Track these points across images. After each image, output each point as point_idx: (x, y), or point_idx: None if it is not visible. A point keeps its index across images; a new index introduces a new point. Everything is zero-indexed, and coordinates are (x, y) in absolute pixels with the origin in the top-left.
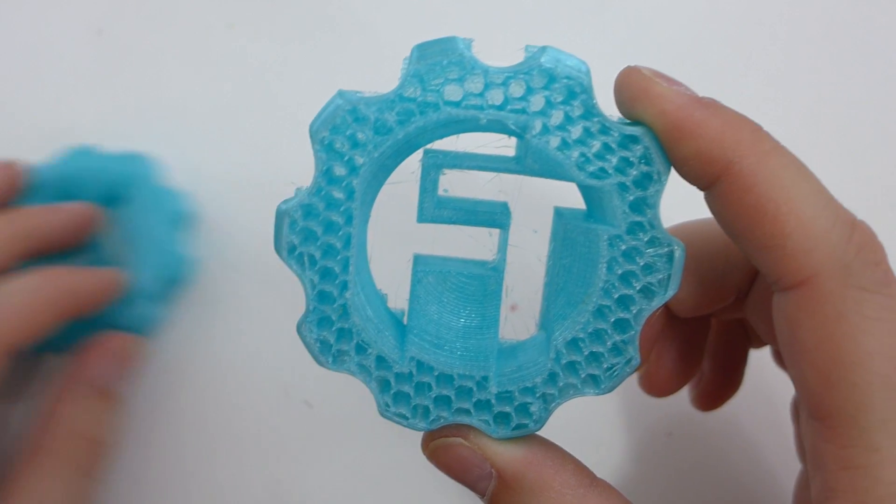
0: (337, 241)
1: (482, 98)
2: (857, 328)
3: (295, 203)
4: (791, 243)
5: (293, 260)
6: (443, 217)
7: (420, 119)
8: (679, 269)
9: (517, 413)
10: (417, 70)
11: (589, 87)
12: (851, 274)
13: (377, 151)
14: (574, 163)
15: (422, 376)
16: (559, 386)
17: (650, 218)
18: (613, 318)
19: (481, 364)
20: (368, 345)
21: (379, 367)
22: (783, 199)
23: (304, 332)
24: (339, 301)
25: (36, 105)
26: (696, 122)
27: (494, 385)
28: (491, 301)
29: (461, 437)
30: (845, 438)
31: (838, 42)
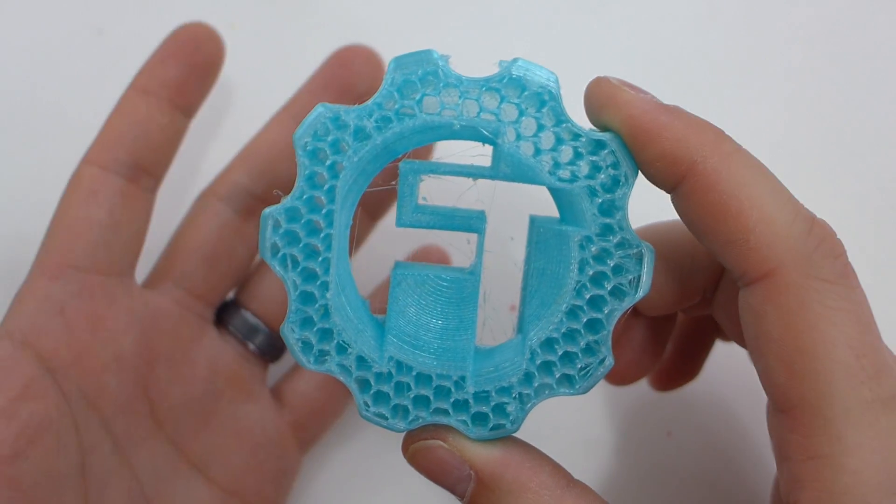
0: (318, 242)
1: (457, 108)
2: (819, 317)
3: (279, 207)
4: (754, 237)
5: (276, 262)
6: (421, 222)
7: (397, 125)
8: (649, 270)
9: (494, 413)
10: (394, 80)
11: (558, 95)
12: (813, 266)
13: (357, 156)
14: (545, 167)
15: (401, 376)
16: (535, 386)
17: (619, 220)
18: (586, 319)
19: (459, 364)
20: (349, 345)
21: (359, 367)
22: (745, 196)
23: (286, 332)
24: (321, 302)
25: (36, 105)
26: (661, 126)
27: (472, 385)
28: (468, 304)
29: (440, 439)
30: (809, 428)
31: (838, 42)
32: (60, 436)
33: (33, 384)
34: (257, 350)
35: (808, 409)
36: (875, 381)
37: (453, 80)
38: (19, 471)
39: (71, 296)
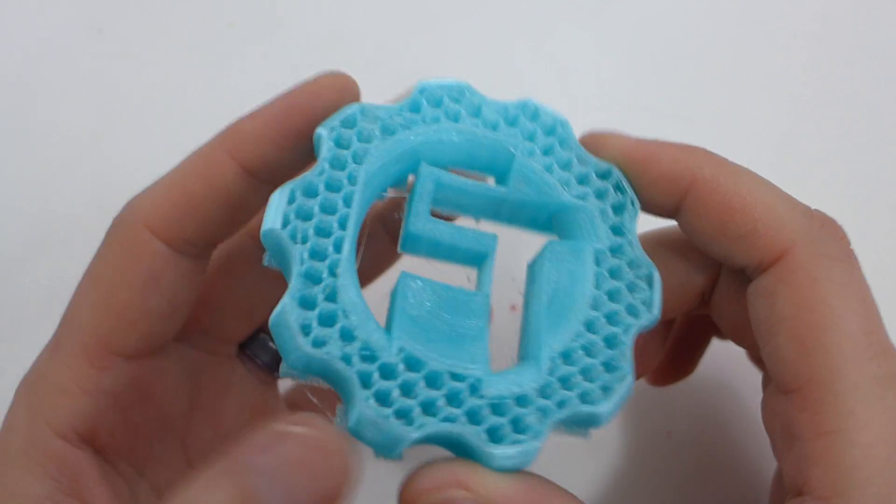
0: (335, 221)
1: (479, 123)
2: (829, 292)
3: (297, 181)
4: (762, 226)
5: (286, 233)
6: (432, 231)
7: (422, 126)
8: (658, 291)
9: (513, 426)
10: (423, 90)
11: (569, 128)
12: (820, 245)
13: (383, 147)
14: (559, 183)
15: (409, 373)
16: (555, 400)
17: (629, 239)
18: (604, 333)
19: (474, 365)
20: (353, 332)
21: (363, 358)
22: (746, 192)
23: (283, 314)
24: (328, 281)
25: (36, 105)
26: (654, 152)
27: (487, 387)
28: (479, 318)
29: (461, 486)
30: (820, 405)
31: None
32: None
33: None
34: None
35: (818, 385)
36: (882, 358)
37: (476, 100)
38: None
39: (123, 386)
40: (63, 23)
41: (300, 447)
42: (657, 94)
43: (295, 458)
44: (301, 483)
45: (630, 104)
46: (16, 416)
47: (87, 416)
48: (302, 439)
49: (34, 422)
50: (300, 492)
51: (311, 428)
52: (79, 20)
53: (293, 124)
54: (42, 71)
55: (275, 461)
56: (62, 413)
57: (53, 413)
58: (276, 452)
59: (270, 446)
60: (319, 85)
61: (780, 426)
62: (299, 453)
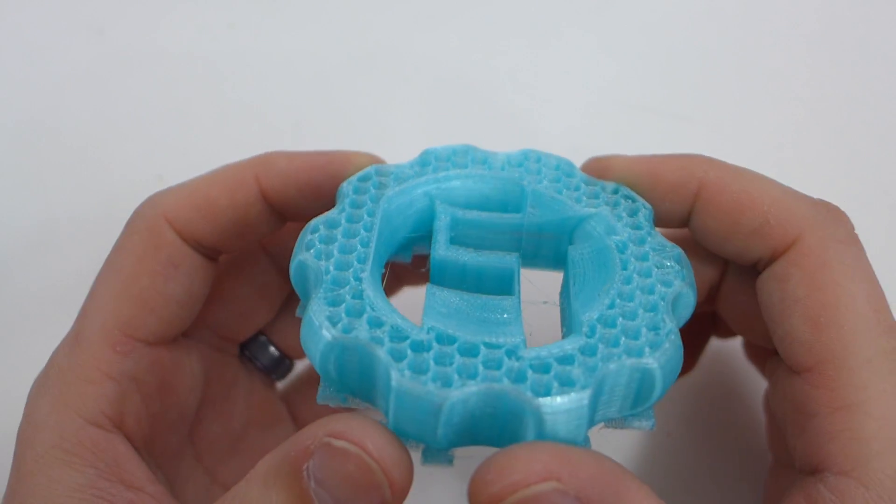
0: (358, 243)
1: (486, 169)
2: (840, 274)
3: (320, 217)
4: (773, 217)
5: (309, 255)
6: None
7: (432, 174)
8: (687, 264)
9: (559, 380)
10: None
11: (570, 163)
12: (828, 229)
13: (397, 189)
14: (568, 199)
15: (443, 346)
16: (599, 355)
17: (649, 231)
18: (641, 302)
19: (507, 337)
20: (382, 319)
21: (393, 338)
22: (752, 189)
23: (310, 310)
24: (353, 284)
25: (36, 105)
26: (658, 165)
27: (526, 352)
28: (511, 312)
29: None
30: (835, 380)
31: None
32: None
33: (128, 471)
34: (276, 377)
35: (833, 361)
36: (891, 334)
37: (480, 154)
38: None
39: (144, 371)
40: (63, 23)
41: (343, 462)
42: (657, 94)
43: (339, 471)
44: (346, 493)
45: (630, 104)
46: (40, 412)
47: (113, 401)
48: (344, 455)
49: (62, 413)
50: (347, 499)
51: (352, 443)
52: (79, 20)
53: (320, 178)
54: (42, 71)
55: (323, 471)
56: (90, 400)
57: (81, 402)
58: (322, 463)
59: (317, 456)
60: (355, 156)
61: (793, 406)
62: (342, 467)
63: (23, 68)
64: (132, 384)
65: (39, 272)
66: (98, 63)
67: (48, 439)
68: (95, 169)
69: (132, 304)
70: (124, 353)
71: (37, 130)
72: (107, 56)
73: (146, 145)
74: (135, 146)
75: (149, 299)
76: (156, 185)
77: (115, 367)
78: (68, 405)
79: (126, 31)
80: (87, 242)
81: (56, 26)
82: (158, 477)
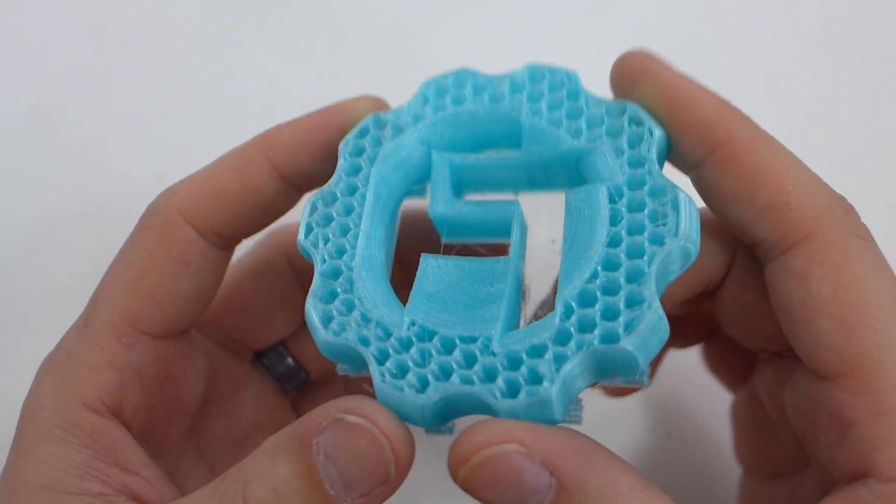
0: (351, 221)
1: (488, 98)
2: (863, 271)
3: (317, 193)
4: (794, 199)
5: (309, 241)
6: (455, 210)
7: (429, 118)
8: (687, 211)
9: (527, 380)
10: (429, 85)
11: (577, 80)
12: (848, 224)
13: (391, 146)
14: (568, 133)
15: (423, 343)
16: (571, 344)
17: (648, 169)
18: (624, 267)
19: (485, 326)
20: (369, 316)
21: (379, 338)
22: (781, 164)
23: (309, 307)
24: (346, 274)
25: (36, 104)
26: (699, 95)
27: (498, 345)
28: (500, 281)
29: (516, 441)
30: (874, 384)
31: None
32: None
33: (123, 455)
34: (290, 388)
35: (870, 365)
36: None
37: (481, 80)
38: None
39: (147, 364)
40: (63, 23)
41: (355, 436)
42: None
43: (350, 446)
44: (355, 467)
45: None
46: (43, 393)
47: (113, 390)
48: (356, 429)
49: (63, 396)
50: (354, 474)
51: (363, 419)
52: (79, 20)
53: (328, 137)
54: (42, 71)
55: (334, 446)
56: (90, 387)
57: (81, 387)
58: (334, 438)
59: (329, 431)
60: (355, 103)
61: (826, 414)
62: (353, 441)
63: (23, 68)
64: (134, 375)
65: (39, 272)
66: (98, 63)
67: (48, 418)
68: (95, 169)
69: (141, 299)
70: (129, 345)
71: (37, 130)
72: (107, 56)
73: (146, 145)
74: (135, 146)
75: (157, 295)
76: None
77: (118, 357)
78: (69, 388)
79: (126, 31)
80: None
81: (56, 26)
82: (157, 463)
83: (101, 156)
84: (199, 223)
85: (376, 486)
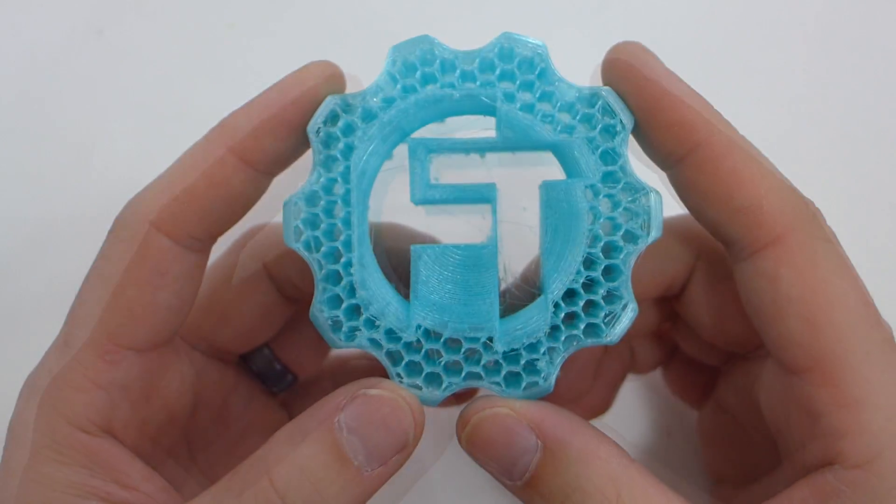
0: (340, 223)
1: (457, 78)
2: (829, 272)
3: (298, 193)
4: (767, 203)
5: (301, 245)
6: (434, 197)
7: (401, 102)
8: (658, 211)
9: (526, 372)
10: (394, 61)
11: (547, 58)
12: (816, 228)
13: (366, 136)
14: (542, 122)
15: (430, 345)
16: (562, 339)
17: (621, 165)
18: (603, 266)
19: (485, 325)
20: (377, 318)
21: (389, 340)
22: (756, 168)
23: (315, 313)
24: (346, 279)
25: (36, 105)
26: (681, 94)
27: (500, 345)
28: (487, 271)
29: (506, 406)
30: (838, 377)
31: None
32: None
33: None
34: (277, 390)
35: (834, 359)
36: (880, 325)
37: (449, 55)
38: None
39: (133, 378)
40: (63, 23)
41: (378, 406)
42: None
43: (374, 416)
44: (379, 436)
45: None
46: (29, 416)
47: (101, 409)
48: (379, 400)
49: (51, 418)
50: (378, 443)
51: (385, 390)
52: (79, 20)
53: (287, 115)
54: (42, 71)
55: (357, 419)
56: (79, 408)
57: (70, 408)
58: (357, 411)
59: (353, 406)
60: (307, 74)
61: (796, 407)
62: (377, 412)
63: (23, 68)
64: (121, 391)
65: (39, 272)
66: (98, 63)
67: (39, 440)
68: (95, 169)
69: (120, 314)
70: (113, 362)
71: (36, 130)
72: (107, 56)
73: (146, 145)
74: (135, 146)
75: (136, 309)
76: None
77: (103, 375)
78: (57, 410)
79: (126, 31)
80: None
81: (56, 26)
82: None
83: (101, 156)
84: (172, 230)
85: (396, 452)
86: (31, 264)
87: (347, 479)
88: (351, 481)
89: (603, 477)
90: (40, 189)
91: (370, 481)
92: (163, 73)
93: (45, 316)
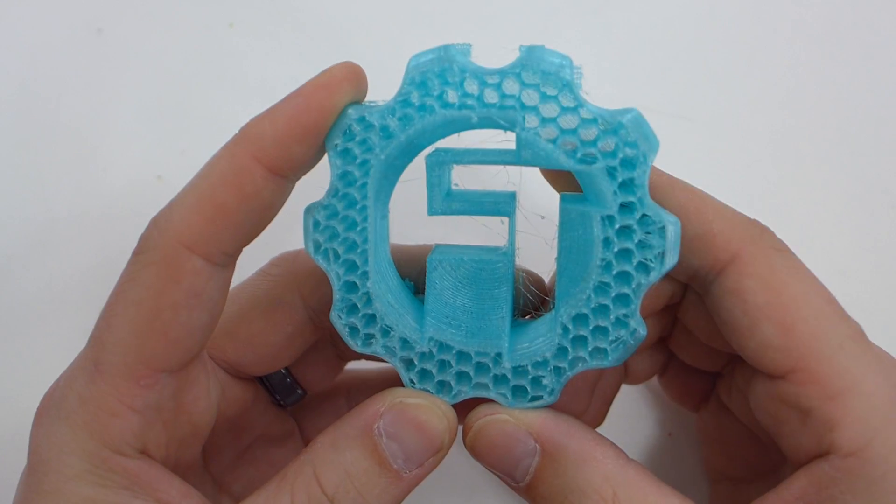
0: (356, 236)
1: (476, 99)
2: (788, 276)
3: (317, 205)
4: (717, 226)
5: (320, 256)
6: (452, 209)
7: (419, 122)
8: (674, 242)
9: (532, 386)
10: (413, 78)
11: (573, 79)
12: (766, 241)
13: (383, 153)
14: (562, 150)
15: (442, 355)
16: (569, 359)
17: (640, 197)
18: (614, 294)
19: (495, 342)
20: (391, 328)
21: (403, 348)
22: (698, 197)
23: (334, 318)
24: (362, 290)
25: (36, 105)
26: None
27: (508, 360)
28: (502, 284)
29: (506, 413)
30: (820, 372)
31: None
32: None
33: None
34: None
35: (811, 358)
36: (847, 320)
37: (471, 72)
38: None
39: (167, 399)
40: (63, 23)
41: (416, 413)
42: (657, 94)
43: (416, 423)
44: (415, 440)
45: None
46: (61, 437)
47: (137, 433)
48: (416, 407)
49: (86, 443)
50: (415, 447)
51: (422, 399)
52: (79, 20)
53: (311, 121)
54: (42, 71)
55: (395, 426)
56: (115, 433)
57: (107, 433)
58: (396, 419)
59: (389, 415)
60: (331, 78)
61: (786, 406)
62: (420, 419)
63: (23, 68)
64: (155, 414)
65: (39, 272)
66: (98, 63)
67: (78, 465)
68: (95, 169)
69: (156, 338)
70: (148, 386)
71: (36, 130)
72: (106, 56)
73: (146, 145)
74: (135, 146)
75: (171, 332)
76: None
77: (138, 400)
78: (93, 435)
79: (126, 31)
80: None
81: (56, 26)
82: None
83: (101, 156)
84: (206, 251)
85: (431, 455)
86: (30, 264)
87: (388, 481)
88: (391, 483)
89: (599, 477)
90: (40, 188)
91: (408, 482)
92: (162, 72)
93: (45, 316)
